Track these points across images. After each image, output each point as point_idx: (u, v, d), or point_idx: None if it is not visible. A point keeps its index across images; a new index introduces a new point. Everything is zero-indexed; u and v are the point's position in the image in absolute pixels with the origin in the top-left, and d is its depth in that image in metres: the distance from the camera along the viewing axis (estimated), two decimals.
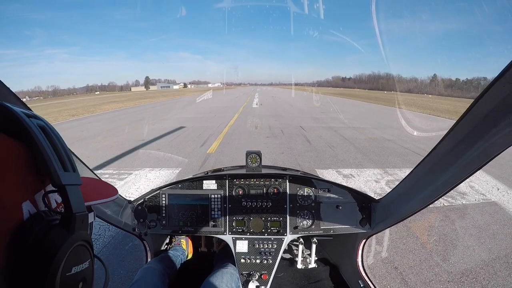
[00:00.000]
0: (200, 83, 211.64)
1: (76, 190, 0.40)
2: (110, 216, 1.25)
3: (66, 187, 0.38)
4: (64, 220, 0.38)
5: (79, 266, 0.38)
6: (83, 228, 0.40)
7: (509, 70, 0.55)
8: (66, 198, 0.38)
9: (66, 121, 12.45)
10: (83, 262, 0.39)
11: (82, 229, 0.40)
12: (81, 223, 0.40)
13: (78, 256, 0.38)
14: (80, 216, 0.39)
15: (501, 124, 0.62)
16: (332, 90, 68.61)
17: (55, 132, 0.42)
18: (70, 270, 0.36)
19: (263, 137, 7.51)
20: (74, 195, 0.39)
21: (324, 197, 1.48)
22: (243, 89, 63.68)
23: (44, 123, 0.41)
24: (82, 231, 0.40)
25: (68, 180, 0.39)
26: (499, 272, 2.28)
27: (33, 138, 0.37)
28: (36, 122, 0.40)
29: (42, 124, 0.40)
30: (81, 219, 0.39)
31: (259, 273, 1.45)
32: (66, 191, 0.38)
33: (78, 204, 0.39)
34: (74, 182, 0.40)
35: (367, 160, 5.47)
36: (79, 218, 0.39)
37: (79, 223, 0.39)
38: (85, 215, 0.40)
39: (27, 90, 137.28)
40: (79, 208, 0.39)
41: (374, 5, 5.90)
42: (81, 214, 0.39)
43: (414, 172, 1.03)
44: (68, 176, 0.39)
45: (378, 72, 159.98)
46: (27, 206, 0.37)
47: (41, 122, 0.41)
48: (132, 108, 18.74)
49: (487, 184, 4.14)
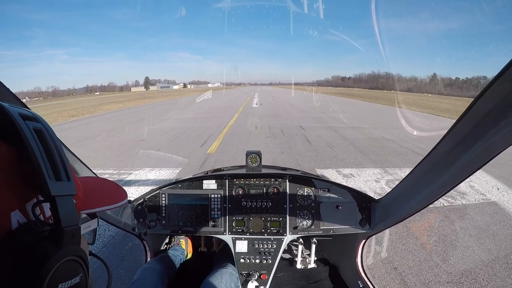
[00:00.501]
0: (200, 83, 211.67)
1: (68, 201, 0.37)
2: (110, 215, 1.25)
3: (57, 198, 0.36)
4: (52, 234, 0.35)
5: (66, 283, 0.36)
6: (74, 242, 0.38)
7: (509, 68, 0.55)
8: (55, 211, 0.35)
9: (66, 122, 12.45)
10: (73, 278, 0.37)
11: (73, 243, 0.37)
12: (71, 237, 0.37)
13: (66, 272, 0.36)
14: (70, 230, 0.36)
15: (501, 123, 0.62)
16: (332, 89, 68.61)
17: (52, 136, 0.39)
18: (56, 286, 0.34)
19: (263, 137, 7.50)
20: (65, 207, 0.36)
21: (324, 197, 1.47)
22: (243, 89, 63.69)
23: (43, 125, 0.39)
24: (72, 246, 0.37)
25: (60, 191, 0.36)
26: (498, 272, 2.27)
27: (24, 142, 0.35)
28: (32, 125, 0.37)
29: (39, 127, 0.38)
30: (71, 234, 0.37)
31: (259, 273, 1.45)
32: (55, 203, 0.35)
33: (68, 217, 0.36)
34: (67, 193, 0.37)
35: (367, 159, 5.47)
36: (69, 233, 0.36)
37: (68, 237, 0.36)
38: (76, 228, 0.38)
39: (27, 91, 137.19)
40: (70, 222, 0.37)
41: (373, 4, 5.90)
42: (71, 228, 0.37)
43: (414, 172, 1.03)
44: (60, 185, 0.37)
45: (378, 71, 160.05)
46: (16, 216, 0.35)
47: (38, 125, 0.38)
48: (132, 109, 18.74)
49: (487, 184, 4.14)
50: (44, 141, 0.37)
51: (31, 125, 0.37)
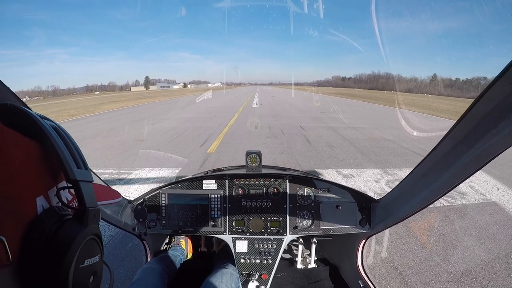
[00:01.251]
0: (200, 83, 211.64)
1: (88, 186, 0.42)
2: (110, 216, 1.25)
3: (80, 182, 0.40)
4: (78, 214, 0.40)
5: (91, 259, 0.40)
6: (95, 222, 0.42)
7: (509, 69, 0.55)
8: (79, 193, 0.40)
9: (66, 121, 12.44)
10: (94, 256, 0.41)
11: (94, 223, 0.42)
12: (94, 217, 0.41)
13: (90, 249, 0.40)
14: (93, 210, 0.41)
15: (501, 124, 0.62)
16: (332, 90, 68.63)
17: (66, 132, 0.44)
18: (83, 262, 0.38)
19: (263, 137, 7.50)
20: (87, 191, 0.41)
21: (324, 197, 1.47)
22: (243, 89, 63.68)
23: (55, 124, 0.44)
24: (94, 225, 0.42)
25: (81, 176, 0.41)
26: (499, 272, 2.28)
27: (48, 137, 0.40)
28: (49, 123, 0.42)
29: (54, 125, 0.43)
30: (93, 214, 0.41)
31: (259, 273, 1.45)
32: (79, 186, 0.40)
33: (90, 199, 0.41)
34: (87, 179, 0.42)
35: (367, 160, 5.47)
36: (92, 212, 0.41)
37: (91, 217, 0.41)
38: (97, 210, 0.42)
39: (27, 90, 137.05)
40: (92, 203, 0.41)
41: (373, 4, 5.90)
42: (94, 208, 0.41)
43: (414, 172, 1.03)
44: (81, 172, 0.42)
45: (378, 71, 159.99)
46: (41, 201, 0.38)
47: (53, 123, 0.43)
48: (132, 108, 18.73)
49: (487, 184, 4.14)
50: (61, 136, 0.42)
51: (49, 123, 0.42)
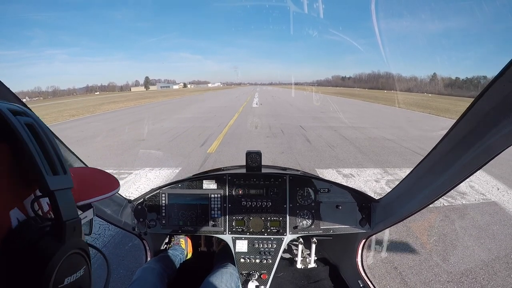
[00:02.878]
0: (200, 83, 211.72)
1: (66, 194, 0.37)
2: (110, 215, 1.25)
3: (55, 192, 0.35)
4: (54, 229, 0.35)
5: (72, 276, 0.36)
6: (76, 235, 0.37)
7: (509, 68, 0.55)
8: (55, 205, 0.35)
9: (66, 121, 12.45)
10: (78, 271, 0.37)
11: (75, 236, 0.37)
12: (73, 230, 0.36)
13: (71, 265, 0.36)
14: (71, 223, 0.36)
15: (501, 124, 0.62)
16: (332, 89, 68.62)
17: (45, 130, 0.38)
18: (62, 281, 0.34)
19: (263, 137, 7.50)
20: (64, 201, 0.36)
21: (324, 197, 1.47)
22: (243, 89, 63.67)
23: (34, 120, 0.38)
24: (75, 239, 0.37)
25: (58, 185, 0.36)
26: (499, 272, 2.27)
27: (18, 138, 0.34)
28: (24, 120, 0.36)
29: (31, 122, 0.37)
30: (72, 227, 0.36)
31: (259, 272, 1.45)
32: (55, 197, 0.35)
33: (68, 210, 0.36)
34: (65, 186, 0.37)
35: (367, 159, 5.47)
36: (70, 226, 0.36)
37: (70, 231, 0.36)
38: (77, 221, 0.37)
39: (27, 91, 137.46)
40: (70, 215, 0.36)
41: (373, 4, 5.90)
42: (73, 221, 0.36)
43: (414, 172, 1.03)
44: (57, 180, 0.36)
45: (378, 71, 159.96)
46: (15, 214, 0.34)
47: (29, 119, 0.37)
48: (132, 108, 18.73)
49: (487, 184, 4.14)
50: (37, 135, 0.36)
51: (23, 120, 0.36)
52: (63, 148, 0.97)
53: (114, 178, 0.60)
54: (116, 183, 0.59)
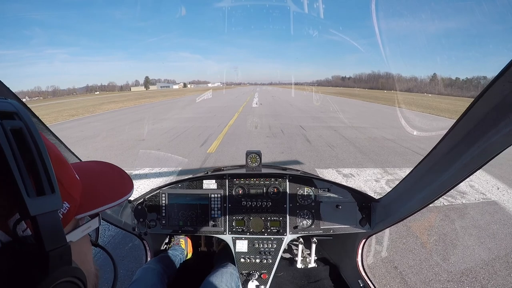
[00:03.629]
0: (200, 82, 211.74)
1: (52, 218, 0.31)
2: (110, 215, 1.25)
3: (38, 217, 0.29)
4: (38, 257, 0.30)
5: None
6: (64, 263, 0.32)
7: (509, 69, 0.55)
8: (37, 232, 0.30)
9: (66, 121, 12.45)
10: None
11: (63, 265, 0.32)
12: (59, 260, 0.31)
13: None
14: (56, 253, 0.31)
15: (501, 124, 0.62)
16: (332, 89, 68.64)
17: (35, 138, 0.32)
18: None
19: (263, 137, 7.50)
20: (49, 227, 0.30)
21: (324, 197, 1.47)
22: (243, 89, 63.68)
23: (24, 123, 0.32)
24: (62, 269, 0.32)
25: (41, 208, 0.30)
26: (499, 271, 2.28)
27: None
28: (10, 125, 0.30)
29: (19, 126, 0.31)
30: (58, 256, 0.31)
31: (259, 272, 1.45)
32: (37, 223, 0.29)
33: (53, 238, 0.31)
34: (50, 209, 0.31)
35: (367, 159, 5.47)
36: (55, 256, 0.31)
37: (55, 261, 0.31)
38: (64, 249, 0.32)
39: (27, 90, 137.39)
40: (55, 243, 0.31)
41: (373, 4, 5.90)
42: (58, 250, 0.31)
43: (414, 171, 1.03)
44: (41, 202, 0.30)
45: (378, 71, 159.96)
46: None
47: (17, 123, 0.31)
48: (132, 108, 18.73)
49: (487, 184, 4.14)
50: (24, 143, 0.31)
51: (9, 124, 0.30)
52: (63, 148, 0.97)
53: (127, 178, 0.53)
54: (130, 183, 0.52)
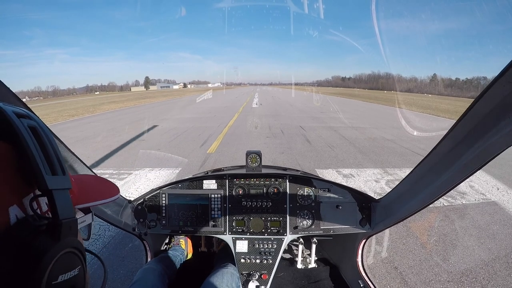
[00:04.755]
0: (200, 83, 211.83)
1: (64, 194, 0.39)
2: (110, 216, 1.25)
3: (53, 191, 0.37)
4: (50, 227, 0.36)
5: (66, 274, 0.37)
6: (72, 234, 0.39)
7: (509, 69, 0.55)
8: (52, 204, 0.36)
9: (66, 121, 12.45)
10: (72, 270, 0.38)
11: (71, 236, 0.38)
12: (69, 229, 0.38)
13: (66, 264, 0.37)
14: (67, 222, 0.37)
15: (501, 124, 0.62)
16: (332, 89, 68.69)
17: (47, 133, 0.40)
18: (56, 278, 0.35)
19: (263, 137, 7.50)
20: (62, 200, 0.38)
21: (324, 197, 1.47)
22: (243, 89, 63.70)
23: (37, 123, 0.39)
24: (70, 238, 0.38)
25: (56, 184, 0.37)
26: (499, 272, 2.28)
27: (21, 139, 0.35)
28: (27, 123, 0.38)
29: (33, 125, 0.39)
30: (68, 226, 0.38)
31: (259, 273, 1.45)
32: (53, 196, 0.36)
33: (65, 210, 0.38)
34: (63, 186, 0.39)
35: (367, 160, 5.47)
36: (66, 225, 0.37)
37: (66, 230, 0.37)
38: (73, 221, 0.39)
39: (27, 91, 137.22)
40: (67, 214, 0.38)
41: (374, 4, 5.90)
42: (69, 220, 0.38)
43: (414, 172, 1.03)
44: (56, 180, 0.38)
45: (378, 71, 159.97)
46: (15, 211, 0.35)
47: (32, 122, 0.39)
48: (132, 108, 18.73)
49: (487, 184, 4.14)
50: (39, 138, 0.38)
51: (26, 122, 0.37)
52: (63, 148, 0.97)
53: (113, 185, 0.61)
54: (116, 189, 0.60)
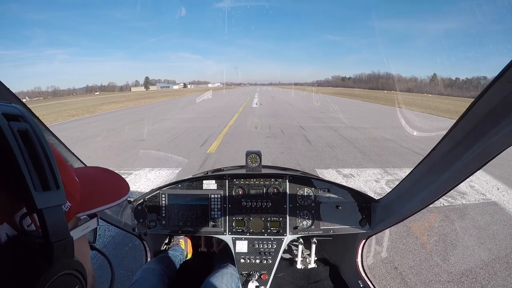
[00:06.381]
0: (200, 83, 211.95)
1: (57, 212, 0.34)
2: (110, 216, 1.25)
3: (44, 210, 0.32)
4: (43, 248, 0.33)
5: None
6: (67, 255, 0.35)
7: (509, 69, 0.55)
8: (43, 224, 0.32)
9: (66, 122, 12.46)
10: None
11: (66, 257, 0.35)
12: (63, 251, 0.34)
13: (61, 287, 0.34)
14: (60, 244, 0.33)
15: (501, 124, 0.62)
16: (332, 89, 68.74)
17: (40, 137, 0.35)
18: None
19: (263, 137, 7.50)
20: (54, 220, 0.33)
21: (324, 197, 1.47)
22: (243, 89, 63.73)
23: (29, 125, 0.34)
24: (65, 261, 0.35)
25: (47, 202, 0.33)
26: (499, 272, 2.27)
27: (7, 149, 0.31)
28: (17, 126, 0.32)
29: (25, 128, 0.33)
30: (62, 248, 0.34)
31: (259, 273, 1.45)
32: (43, 216, 0.32)
33: (58, 230, 0.33)
34: (55, 203, 0.34)
35: (367, 159, 5.47)
36: (59, 247, 0.33)
37: (59, 252, 0.33)
38: (67, 242, 0.35)
39: (27, 91, 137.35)
40: (60, 235, 0.34)
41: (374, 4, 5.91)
42: (62, 242, 0.34)
43: (414, 172, 1.03)
44: (47, 196, 0.33)
45: (378, 71, 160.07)
46: (4, 229, 0.32)
47: (24, 125, 0.34)
48: (132, 108, 18.74)
49: (487, 184, 4.14)
50: (30, 143, 0.33)
51: (16, 126, 0.32)
52: (63, 148, 0.97)
53: (124, 182, 0.55)
54: (126, 187, 0.55)
